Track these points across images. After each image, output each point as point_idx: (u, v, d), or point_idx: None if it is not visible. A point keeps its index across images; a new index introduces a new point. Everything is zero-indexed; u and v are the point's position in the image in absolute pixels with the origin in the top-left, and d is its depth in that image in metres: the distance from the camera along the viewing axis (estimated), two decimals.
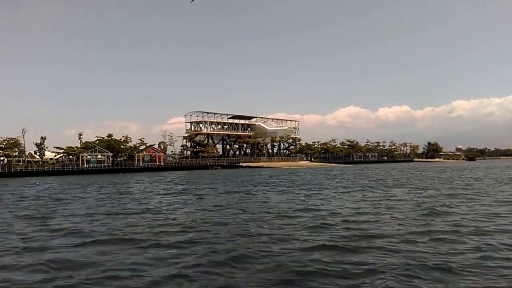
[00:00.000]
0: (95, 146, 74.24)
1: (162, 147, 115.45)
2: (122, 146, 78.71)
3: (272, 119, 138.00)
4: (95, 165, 72.88)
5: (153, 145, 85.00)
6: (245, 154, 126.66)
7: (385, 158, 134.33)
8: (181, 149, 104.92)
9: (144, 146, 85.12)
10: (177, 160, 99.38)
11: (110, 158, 75.16)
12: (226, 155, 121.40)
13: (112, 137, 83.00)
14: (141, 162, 78.47)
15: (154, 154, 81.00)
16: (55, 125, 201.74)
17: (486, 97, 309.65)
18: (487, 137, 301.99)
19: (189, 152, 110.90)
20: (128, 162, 79.09)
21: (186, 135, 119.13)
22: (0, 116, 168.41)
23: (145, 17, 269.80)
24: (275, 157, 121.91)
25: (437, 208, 17.01)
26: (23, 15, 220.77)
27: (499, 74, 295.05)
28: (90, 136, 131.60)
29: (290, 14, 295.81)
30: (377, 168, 79.79)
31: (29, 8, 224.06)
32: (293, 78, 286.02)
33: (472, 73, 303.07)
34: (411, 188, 28.96)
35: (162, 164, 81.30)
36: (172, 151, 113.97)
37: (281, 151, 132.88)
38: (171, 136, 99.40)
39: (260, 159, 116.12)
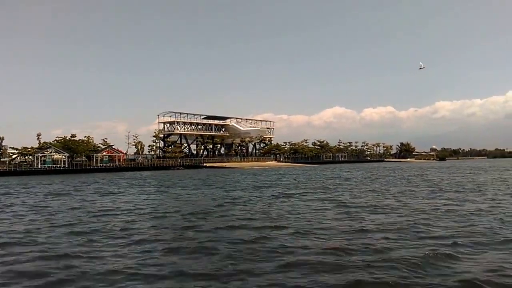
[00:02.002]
0: (50, 147, 72.34)
1: (139, 147, 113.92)
2: (81, 147, 76.67)
3: (247, 119, 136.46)
4: (50, 165, 70.96)
5: (113, 145, 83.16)
6: (219, 154, 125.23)
7: (358, 158, 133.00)
8: (148, 149, 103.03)
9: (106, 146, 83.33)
10: (150, 161, 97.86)
11: (67, 158, 73.19)
12: (200, 155, 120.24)
13: (75, 137, 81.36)
14: (99, 162, 76.56)
15: (113, 154, 79.10)
16: (45, 125, 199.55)
17: (468, 98, 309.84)
18: (469, 137, 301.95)
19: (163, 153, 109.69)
20: (87, 162, 77.22)
21: (160, 135, 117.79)
22: None
23: (144, 17, 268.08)
24: (249, 157, 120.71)
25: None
26: (15, 15, 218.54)
27: (481, 76, 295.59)
28: (79, 135, 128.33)
29: (277, 16, 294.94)
30: (333, 167, 78.36)
31: (20, 7, 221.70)
32: (280, 78, 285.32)
33: (454, 75, 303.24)
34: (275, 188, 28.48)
35: (121, 164, 79.37)
36: (151, 153, 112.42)
37: (256, 151, 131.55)
38: (136, 137, 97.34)
39: (231, 159, 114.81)
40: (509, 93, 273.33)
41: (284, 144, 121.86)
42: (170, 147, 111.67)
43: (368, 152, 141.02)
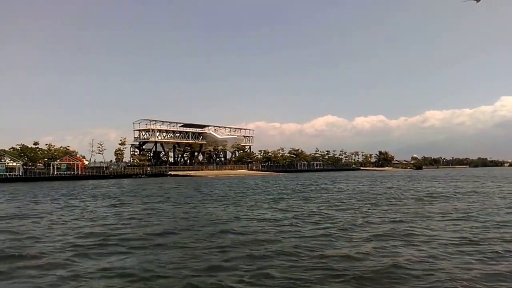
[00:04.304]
0: (4, 154, 69.28)
1: (119, 154, 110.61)
2: (38, 155, 73.54)
3: (226, 127, 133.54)
4: (2, 173, 67.83)
5: (73, 152, 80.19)
6: (194, 162, 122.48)
7: (334, 166, 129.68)
8: (116, 157, 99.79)
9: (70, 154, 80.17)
10: (121, 169, 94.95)
11: (21, 166, 70.13)
12: (177, 163, 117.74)
13: (37, 145, 78.49)
14: (55, 170, 73.37)
15: (72, 162, 75.90)
16: (35, 132, 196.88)
17: (458, 108, 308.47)
18: (458, 146, 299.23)
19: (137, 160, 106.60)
20: (44, 170, 74.19)
21: (136, 143, 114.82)
22: None
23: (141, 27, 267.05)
24: (226, 166, 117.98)
25: None
26: (12, 24, 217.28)
27: (470, 86, 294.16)
28: (70, 142, 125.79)
29: (272, 30, 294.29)
30: (293, 176, 75.08)
31: (17, 17, 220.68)
32: (273, 87, 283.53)
33: (445, 85, 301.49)
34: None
35: (79, 172, 76.18)
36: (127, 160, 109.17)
37: (234, 159, 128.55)
38: (101, 144, 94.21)
39: (208, 167, 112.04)
40: (497, 103, 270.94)
41: (259, 152, 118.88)
42: (146, 155, 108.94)
43: (346, 160, 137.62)
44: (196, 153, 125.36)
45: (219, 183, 52.45)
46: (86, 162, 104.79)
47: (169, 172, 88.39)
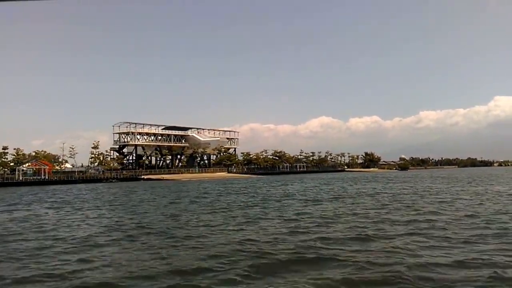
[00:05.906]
0: None
1: (101, 158, 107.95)
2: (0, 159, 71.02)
3: (209, 130, 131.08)
4: None
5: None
6: (177, 165, 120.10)
7: (318, 168, 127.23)
8: (90, 160, 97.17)
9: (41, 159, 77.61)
10: (101, 173, 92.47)
11: None
12: (159, 166, 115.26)
13: (6, 150, 75.84)
14: (21, 175, 70.76)
15: (39, 167, 73.29)
16: (24, 134, 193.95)
17: (452, 108, 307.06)
18: (452, 146, 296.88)
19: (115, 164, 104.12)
20: (10, 175, 71.63)
21: (116, 146, 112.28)
22: None
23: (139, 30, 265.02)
24: (210, 168, 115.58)
25: None
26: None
27: (465, 86, 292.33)
28: (60, 146, 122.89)
29: (269, 31, 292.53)
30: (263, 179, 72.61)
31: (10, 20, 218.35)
32: (268, 89, 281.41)
33: (439, 85, 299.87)
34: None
35: (47, 177, 73.54)
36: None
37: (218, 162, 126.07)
38: (73, 148, 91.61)
39: (188, 170, 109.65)
40: (491, 102, 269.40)
41: (242, 154, 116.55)
42: (120, 159, 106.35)
43: (333, 162, 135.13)
44: (179, 156, 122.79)
45: (171, 187, 50.05)
46: (70, 166, 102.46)
47: (142, 176, 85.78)
